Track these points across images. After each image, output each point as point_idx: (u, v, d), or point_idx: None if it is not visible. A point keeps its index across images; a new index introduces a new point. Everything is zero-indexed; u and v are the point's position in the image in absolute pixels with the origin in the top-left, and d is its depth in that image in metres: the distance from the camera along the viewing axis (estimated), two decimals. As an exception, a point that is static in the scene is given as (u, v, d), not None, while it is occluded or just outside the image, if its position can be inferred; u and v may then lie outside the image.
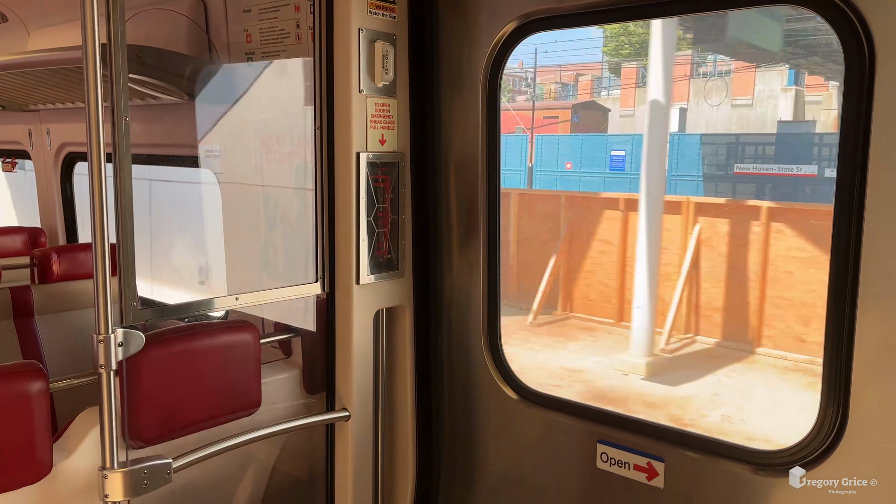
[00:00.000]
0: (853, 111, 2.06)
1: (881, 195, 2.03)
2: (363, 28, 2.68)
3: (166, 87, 3.52)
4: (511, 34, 2.74)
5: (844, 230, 2.11)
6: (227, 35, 3.40)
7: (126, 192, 2.23)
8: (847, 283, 2.12)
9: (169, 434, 2.61)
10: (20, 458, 2.36)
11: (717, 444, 2.51)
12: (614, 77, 29.44)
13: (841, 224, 2.11)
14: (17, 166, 6.04)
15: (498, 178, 2.91)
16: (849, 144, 2.07)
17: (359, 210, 2.78)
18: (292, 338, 3.21)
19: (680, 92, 21.50)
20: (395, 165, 2.90)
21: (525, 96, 32.26)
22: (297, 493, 3.36)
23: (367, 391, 2.97)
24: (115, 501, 2.27)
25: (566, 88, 33.13)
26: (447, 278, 3.08)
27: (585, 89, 31.76)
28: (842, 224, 2.11)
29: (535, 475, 2.96)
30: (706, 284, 10.66)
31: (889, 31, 1.99)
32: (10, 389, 2.33)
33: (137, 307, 2.32)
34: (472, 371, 3.04)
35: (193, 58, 3.54)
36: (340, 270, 2.86)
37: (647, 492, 2.58)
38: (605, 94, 30.42)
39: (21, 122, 5.49)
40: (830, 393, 2.19)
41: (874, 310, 2.09)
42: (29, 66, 3.84)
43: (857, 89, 2.04)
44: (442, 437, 3.19)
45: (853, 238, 2.09)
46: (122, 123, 2.19)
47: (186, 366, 2.70)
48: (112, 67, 2.16)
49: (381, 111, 2.81)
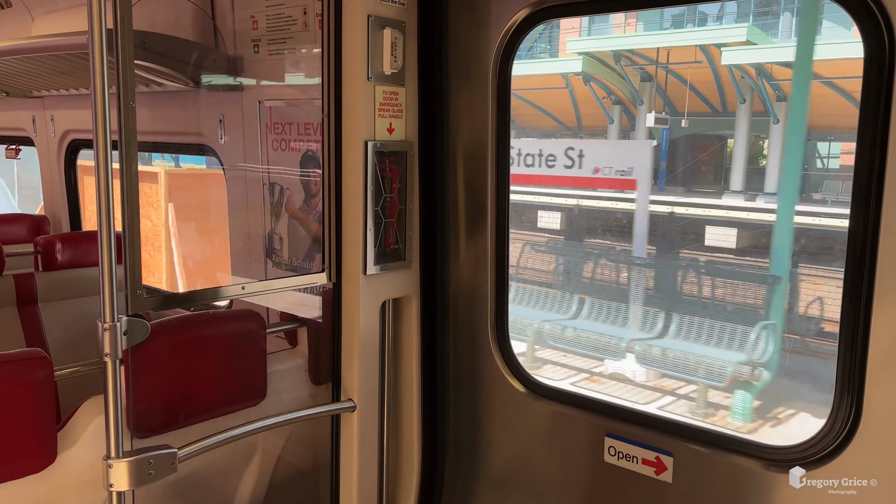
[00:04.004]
0: (871, 105, 2.02)
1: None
2: (372, 15, 2.64)
3: (171, 74, 3.49)
4: (522, 22, 2.70)
5: (861, 225, 2.08)
6: (234, 22, 3.36)
7: (132, 179, 2.20)
8: (863, 280, 2.09)
9: (174, 423, 2.60)
10: (24, 447, 2.35)
11: (726, 438, 2.49)
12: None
13: (857, 218, 2.08)
14: (20, 153, 6.02)
15: (507, 168, 2.87)
16: (867, 139, 2.04)
17: (366, 199, 2.75)
18: (298, 328, 3.19)
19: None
20: (403, 155, 2.87)
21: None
22: (303, 483, 3.35)
23: (373, 382, 2.95)
24: (120, 491, 2.26)
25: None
26: (454, 269, 3.05)
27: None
28: (858, 218, 2.08)
29: (542, 468, 2.94)
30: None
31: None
32: (14, 377, 2.31)
33: (143, 296, 2.30)
34: (479, 363, 3.02)
35: (199, 44, 3.50)
36: (347, 260, 2.83)
37: (656, 486, 2.56)
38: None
39: (25, 109, 5.46)
40: (844, 389, 2.16)
41: (890, 306, 2.06)
42: (33, 52, 3.81)
43: (877, 83, 2.01)
44: (448, 428, 3.17)
45: (869, 233, 2.06)
46: (129, 110, 2.16)
47: (192, 355, 2.68)
48: (118, 53, 2.13)
49: (389, 99, 2.77)
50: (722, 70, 20.96)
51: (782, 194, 11.76)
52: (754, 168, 22.90)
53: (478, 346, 3.01)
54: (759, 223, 16.60)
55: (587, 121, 26.21)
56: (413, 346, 3.04)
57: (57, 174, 5.46)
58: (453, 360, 3.11)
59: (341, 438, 2.97)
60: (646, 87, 23.10)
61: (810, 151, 23.95)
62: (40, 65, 4.02)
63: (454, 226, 3.02)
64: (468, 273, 3.01)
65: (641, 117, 22.87)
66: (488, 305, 2.95)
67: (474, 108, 2.87)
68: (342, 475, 2.99)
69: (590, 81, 23.38)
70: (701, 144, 26.18)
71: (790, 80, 14.80)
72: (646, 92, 23.07)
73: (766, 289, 11.56)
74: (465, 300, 3.04)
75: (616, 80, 23.20)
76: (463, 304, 3.05)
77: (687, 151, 26.25)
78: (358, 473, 2.94)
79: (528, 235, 17.71)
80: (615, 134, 24.83)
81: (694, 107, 23.66)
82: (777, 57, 19.43)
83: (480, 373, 3.03)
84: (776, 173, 20.22)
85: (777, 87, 20.32)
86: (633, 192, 13.99)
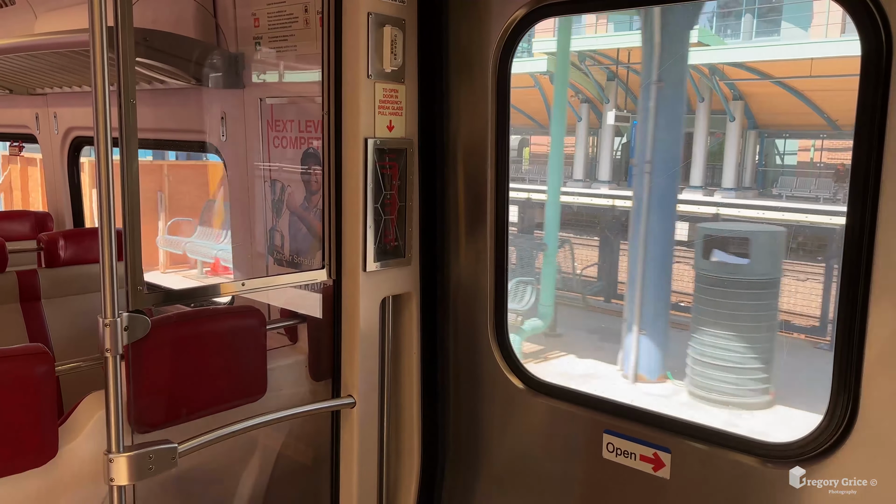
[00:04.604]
0: (869, 102, 2.02)
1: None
2: (372, 12, 2.65)
3: (174, 72, 3.50)
4: (522, 19, 2.70)
5: (858, 221, 2.08)
6: (235, 19, 3.37)
7: (133, 176, 2.21)
8: (860, 276, 2.09)
9: (174, 419, 2.62)
10: (26, 441, 2.37)
11: (723, 435, 2.49)
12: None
13: (854, 215, 2.08)
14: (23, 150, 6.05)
15: (506, 166, 2.88)
16: (864, 135, 2.04)
17: (366, 197, 2.76)
18: (298, 324, 3.20)
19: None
20: (403, 152, 2.88)
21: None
22: (303, 478, 3.36)
23: (373, 378, 2.96)
24: (120, 485, 2.28)
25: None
26: (454, 266, 3.06)
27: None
28: (855, 215, 2.08)
29: (541, 465, 2.95)
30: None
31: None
32: (16, 372, 2.33)
33: (143, 292, 2.31)
34: (479, 359, 3.03)
35: (201, 42, 3.51)
36: (347, 257, 2.85)
37: (654, 482, 2.57)
38: None
39: (28, 106, 5.48)
40: (841, 385, 2.17)
41: (887, 303, 2.06)
42: (36, 49, 3.82)
43: (874, 81, 2.01)
44: (447, 425, 3.18)
45: (867, 229, 2.06)
46: (129, 107, 2.18)
47: (192, 351, 2.70)
48: (119, 50, 2.14)
49: (389, 97, 2.78)
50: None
51: (551, 181, 13.81)
52: (715, 164, 24.13)
53: (477, 342, 3.02)
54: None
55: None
56: (413, 342, 3.05)
57: (60, 171, 5.48)
58: (453, 357, 3.12)
59: (341, 434, 2.98)
60: (612, 85, 23.89)
61: (768, 149, 24.88)
62: (43, 62, 4.04)
63: (454, 223, 3.03)
64: (468, 270, 3.02)
65: (607, 115, 23.86)
66: (487, 302, 2.96)
67: (474, 105, 2.88)
68: (342, 470, 3.00)
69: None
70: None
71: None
72: (612, 90, 23.86)
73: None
74: (465, 297, 3.05)
75: (583, 78, 23.99)
76: (462, 301, 3.06)
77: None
78: (358, 469, 2.95)
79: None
80: (583, 131, 25.92)
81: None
82: (728, 58, 20.61)
83: (480, 369, 3.04)
84: (733, 168, 21.69)
85: (732, 86, 21.36)
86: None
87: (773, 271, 9.51)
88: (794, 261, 15.12)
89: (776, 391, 9.16)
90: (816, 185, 21.38)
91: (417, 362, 3.07)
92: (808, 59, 18.22)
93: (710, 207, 18.68)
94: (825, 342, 12.60)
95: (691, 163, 22.23)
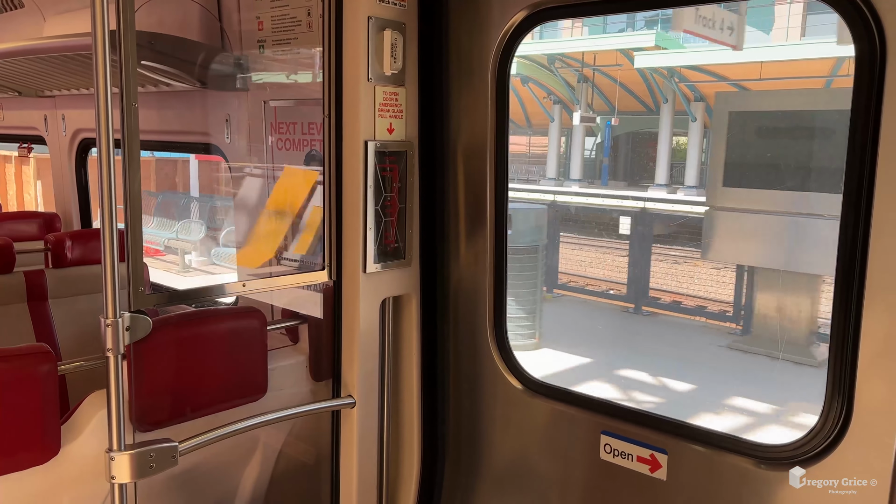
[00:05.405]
0: (863, 104, 2.03)
1: (890, 187, 2.01)
2: (372, 16, 2.68)
3: (179, 74, 3.54)
4: (521, 23, 2.72)
5: (852, 222, 2.08)
6: (239, 23, 3.40)
7: (134, 177, 2.24)
8: (854, 277, 2.10)
9: (175, 418, 2.64)
10: (29, 439, 2.40)
11: (720, 437, 2.50)
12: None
13: (848, 216, 2.09)
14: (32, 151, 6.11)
15: (506, 168, 2.90)
16: (858, 137, 2.05)
17: (366, 199, 2.78)
18: (299, 325, 3.23)
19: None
20: (403, 154, 2.90)
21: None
22: (304, 478, 3.39)
23: (373, 379, 2.98)
24: (122, 483, 2.31)
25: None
26: (454, 268, 3.08)
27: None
28: (849, 216, 2.09)
29: (539, 465, 2.96)
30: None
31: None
32: (19, 371, 2.36)
33: (145, 292, 2.34)
34: (478, 361, 3.05)
35: (205, 45, 3.55)
36: (347, 259, 2.87)
37: (650, 483, 2.58)
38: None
39: (37, 108, 5.54)
40: (835, 386, 2.17)
41: (881, 303, 2.07)
42: (44, 52, 3.87)
43: (868, 82, 2.02)
44: (447, 425, 3.20)
45: (861, 231, 2.07)
46: (132, 110, 2.21)
47: (193, 351, 2.73)
48: (121, 53, 2.17)
49: (389, 100, 2.80)
50: (647, 72, 22.95)
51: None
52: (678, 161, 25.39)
53: (476, 344, 3.04)
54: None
55: (536, 119, 28.42)
56: (413, 343, 3.07)
57: (68, 172, 5.54)
58: (452, 358, 3.14)
59: (341, 434, 3.01)
60: (582, 87, 24.90)
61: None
62: (51, 65, 4.09)
63: (454, 225, 3.05)
64: (468, 271, 3.04)
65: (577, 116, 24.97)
66: (487, 304, 2.98)
67: (474, 108, 2.90)
68: (342, 470, 3.03)
69: (528, 82, 25.11)
70: (641, 140, 29.04)
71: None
72: (582, 92, 24.86)
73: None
74: (465, 298, 3.06)
75: (553, 80, 24.84)
76: (462, 303, 3.08)
77: (627, 147, 29.53)
78: (358, 468, 2.97)
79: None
80: (556, 132, 27.04)
81: (631, 106, 25.87)
82: (685, 61, 21.69)
83: (479, 370, 3.05)
84: (695, 166, 22.82)
85: (693, 87, 22.50)
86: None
87: (536, 241, 11.13)
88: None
89: (540, 337, 11.12)
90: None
91: (417, 363, 3.08)
92: (758, 62, 19.60)
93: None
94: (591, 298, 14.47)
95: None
